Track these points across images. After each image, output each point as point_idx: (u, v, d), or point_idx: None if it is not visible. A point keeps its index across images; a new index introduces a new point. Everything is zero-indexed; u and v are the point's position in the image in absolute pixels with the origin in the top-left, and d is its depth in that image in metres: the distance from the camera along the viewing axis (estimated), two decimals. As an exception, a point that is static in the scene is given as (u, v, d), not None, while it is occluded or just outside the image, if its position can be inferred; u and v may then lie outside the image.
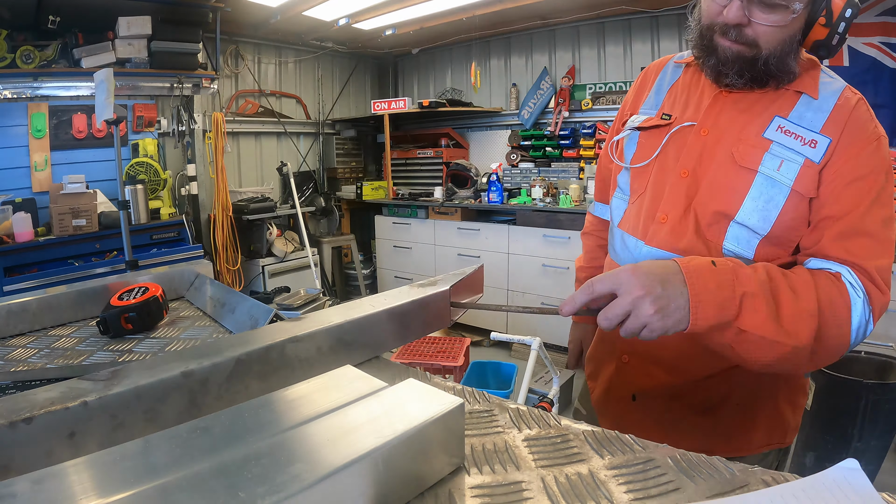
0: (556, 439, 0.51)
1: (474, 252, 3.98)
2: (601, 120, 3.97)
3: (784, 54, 0.77)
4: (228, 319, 0.85)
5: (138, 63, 3.40)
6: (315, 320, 0.63)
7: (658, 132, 0.89)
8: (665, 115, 0.90)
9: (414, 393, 0.45)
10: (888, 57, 3.00)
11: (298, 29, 4.15)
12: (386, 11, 3.72)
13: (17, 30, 3.04)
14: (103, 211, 3.21)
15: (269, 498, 0.31)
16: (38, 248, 2.97)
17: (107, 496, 0.31)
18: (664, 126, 0.88)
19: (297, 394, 0.46)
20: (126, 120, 2.75)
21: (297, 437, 0.38)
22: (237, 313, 0.84)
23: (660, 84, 0.96)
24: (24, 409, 0.42)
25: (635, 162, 0.92)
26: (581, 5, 3.73)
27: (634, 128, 0.93)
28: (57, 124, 3.28)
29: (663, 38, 3.76)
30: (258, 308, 0.82)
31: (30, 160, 3.19)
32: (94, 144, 3.43)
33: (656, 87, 0.96)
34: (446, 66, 4.95)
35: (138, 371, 0.50)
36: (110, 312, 0.79)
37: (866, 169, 0.75)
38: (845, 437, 2.03)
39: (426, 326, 0.74)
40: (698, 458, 0.47)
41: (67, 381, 0.47)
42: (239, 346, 0.56)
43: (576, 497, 0.42)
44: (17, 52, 3.00)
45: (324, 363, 0.60)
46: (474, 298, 0.84)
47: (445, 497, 0.42)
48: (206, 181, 3.88)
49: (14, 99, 3.10)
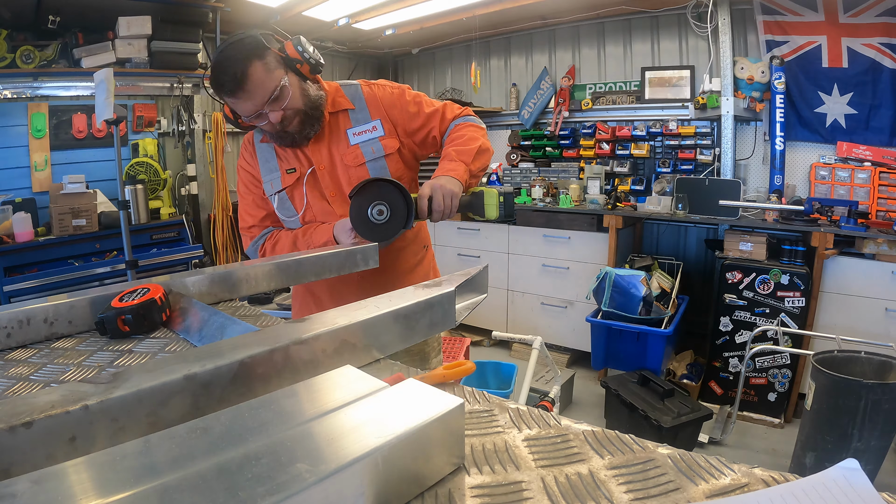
0: (556, 439, 0.51)
1: (474, 252, 3.98)
2: (601, 120, 3.97)
3: (311, 102, 1.22)
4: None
5: (138, 63, 3.40)
6: (319, 322, 0.63)
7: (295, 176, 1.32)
8: (289, 169, 1.30)
9: (414, 393, 0.45)
10: (887, 57, 3.00)
11: (298, 29, 4.15)
12: (386, 11, 3.72)
13: (17, 30, 3.04)
14: (103, 211, 3.21)
15: (269, 498, 0.31)
16: (38, 248, 2.97)
17: (107, 496, 0.31)
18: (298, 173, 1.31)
19: (298, 394, 0.46)
20: (126, 120, 2.75)
21: (297, 437, 0.38)
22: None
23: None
24: (24, 413, 0.41)
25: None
26: (581, 5, 3.73)
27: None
28: (57, 124, 3.28)
29: (663, 38, 3.77)
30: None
31: (30, 160, 3.19)
32: (94, 144, 3.43)
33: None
34: (446, 66, 4.95)
35: (140, 374, 0.49)
36: (107, 314, 0.79)
37: (401, 98, 1.33)
38: (845, 437, 2.03)
39: (432, 327, 0.74)
40: (699, 458, 0.47)
41: (68, 384, 0.47)
42: (242, 348, 0.56)
43: (576, 497, 0.42)
44: (17, 52, 3.00)
45: (328, 365, 0.60)
46: (478, 299, 0.84)
47: (445, 497, 0.42)
48: (206, 181, 3.88)
49: (14, 99, 3.10)
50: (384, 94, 1.33)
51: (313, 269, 1.04)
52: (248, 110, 1.14)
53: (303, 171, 1.28)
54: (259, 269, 1.00)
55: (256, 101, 1.12)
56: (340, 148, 1.28)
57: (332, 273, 1.06)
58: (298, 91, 1.18)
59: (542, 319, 3.70)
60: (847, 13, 3.03)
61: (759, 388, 2.90)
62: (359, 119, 1.30)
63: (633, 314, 2.86)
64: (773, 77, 3.20)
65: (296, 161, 1.29)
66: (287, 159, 1.30)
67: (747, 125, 3.49)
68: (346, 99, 1.31)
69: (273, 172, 1.30)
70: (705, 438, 2.64)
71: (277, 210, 1.32)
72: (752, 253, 2.92)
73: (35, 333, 0.79)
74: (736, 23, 3.37)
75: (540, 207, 3.64)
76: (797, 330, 2.75)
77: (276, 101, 1.14)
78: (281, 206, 1.31)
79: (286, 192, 1.30)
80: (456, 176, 1.19)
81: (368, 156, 1.28)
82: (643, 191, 3.74)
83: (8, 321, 0.76)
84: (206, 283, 0.95)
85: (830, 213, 2.83)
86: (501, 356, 3.72)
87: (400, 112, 1.32)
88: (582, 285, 3.42)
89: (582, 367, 3.49)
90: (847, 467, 0.40)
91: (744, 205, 3.14)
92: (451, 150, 1.26)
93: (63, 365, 0.70)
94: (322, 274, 1.05)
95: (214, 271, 0.98)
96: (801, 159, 3.34)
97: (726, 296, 2.94)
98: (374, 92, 1.33)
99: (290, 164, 1.29)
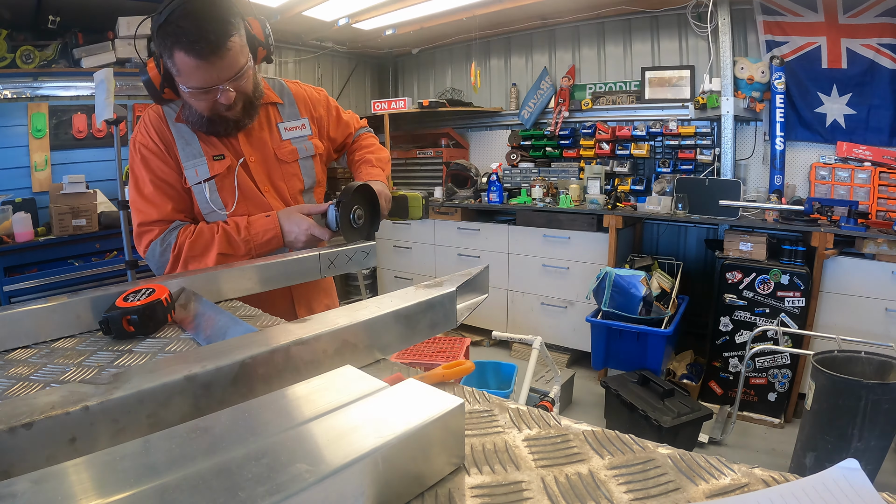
0: (556, 439, 0.51)
1: (474, 252, 3.98)
2: (601, 120, 3.97)
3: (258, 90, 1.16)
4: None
5: (138, 63, 3.40)
6: (321, 322, 0.63)
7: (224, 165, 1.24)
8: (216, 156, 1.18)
9: (414, 393, 0.45)
10: (886, 58, 3.00)
11: (298, 29, 4.15)
12: (386, 11, 3.72)
13: (17, 30, 3.04)
14: (103, 211, 3.21)
15: (269, 498, 0.31)
16: (38, 248, 2.97)
17: (107, 496, 0.31)
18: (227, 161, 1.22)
19: (297, 394, 0.46)
20: (126, 120, 2.75)
21: (297, 437, 0.38)
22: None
23: None
24: (23, 414, 0.41)
25: None
26: (581, 5, 3.73)
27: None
28: (57, 124, 3.28)
29: (663, 38, 3.77)
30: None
31: (30, 160, 3.19)
32: (94, 144, 3.43)
33: None
34: (446, 66, 4.95)
35: (140, 374, 0.49)
36: (113, 314, 0.79)
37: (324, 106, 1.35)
38: (845, 437, 2.03)
39: (433, 328, 0.74)
40: (699, 458, 0.47)
41: (69, 384, 0.47)
42: (244, 348, 0.55)
43: (576, 497, 0.42)
44: (17, 52, 3.00)
45: (329, 366, 0.60)
46: (479, 299, 0.84)
47: (445, 497, 0.42)
48: (206, 181, 3.87)
49: (14, 99, 3.10)
50: (309, 95, 1.32)
51: (316, 267, 1.03)
52: (206, 81, 0.99)
53: (233, 161, 1.15)
54: (247, 270, 0.96)
55: (223, 75, 0.99)
56: (273, 141, 1.22)
57: (337, 272, 1.06)
58: (251, 75, 1.09)
59: (542, 319, 3.70)
60: (847, 14, 3.03)
61: (759, 388, 2.90)
62: (288, 115, 1.26)
63: (633, 314, 2.86)
64: (773, 77, 3.20)
65: (224, 148, 1.15)
66: (213, 144, 1.14)
67: (747, 125, 3.49)
68: (273, 92, 1.26)
69: (196, 158, 1.12)
70: (705, 438, 2.64)
71: (201, 202, 1.14)
72: (752, 253, 2.92)
73: (38, 333, 0.79)
74: (736, 23, 3.37)
75: (540, 207, 3.64)
76: (797, 330, 2.75)
77: (238, 80, 1.03)
78: (210, 198, 1.13)
79: (215, 182, 1.13)
80: (383, 181, 1.25)
81: (301, 153, 1.25)
82: (643, 191, 3.74)
83: (10, 321, 0.76)
84: (203, 280, 0.94)
85: (830, 213, 2.83)
86: (501, 356, 3.72)
87: (325, 115, 1.33)
88: (582, 285, 3.42)
89: (582, 367, 3.49)
90: (847, 467, 0.40)
91: (744, 205, 3.14)
92: (370, 157, 1.31)
93: (63, 365, 0.70)
94: (325, 272, 1.04)
95: (210, 271, 0.97)
96: (801, 159, 3.34)
97: (726, 296, 2.94)
98: (301, 91, 1.31)
99: (218, 151, 1.14)
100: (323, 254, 1.04)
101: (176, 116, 1.12)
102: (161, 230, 1.10)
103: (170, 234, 1.10)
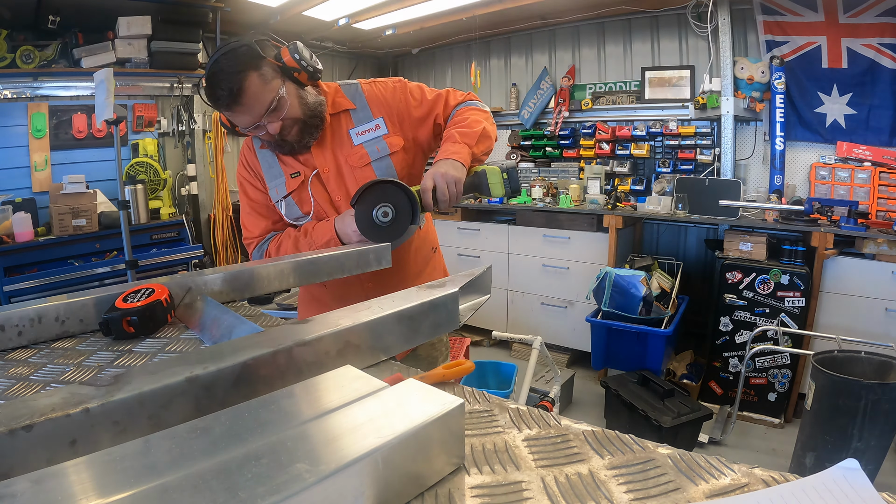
0: (556, 439, 0.51)
1: (474, 252, 3.98)
2: (601, 120, 3.97)
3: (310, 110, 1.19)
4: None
5: (138, 63, 3.40)
6: (323, 323, 0.63)
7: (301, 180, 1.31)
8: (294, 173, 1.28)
9: (414, 393, 0.45)
10: (886, 58, 3.00)
11: (298, 29, 4.15)
12: (386, 11, 3.72)
13: (17, 30, 3.04)
14: (103, 211, 3.21)
15: (269, 498, 0.31)
16: (38, 248, 2.97)
17: (107, 496, 0.31)
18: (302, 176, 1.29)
19: (297, 394, 0.46)
20: (126, 120, 2.75)
21: (297, 437, 0.38)
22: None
23: None
24: (24, 416, 0.41)
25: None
26: (581, 5, 3.73)
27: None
28: (57, 124, 3.28)
29: (663, 38, 3.77)
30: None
31: (30, 160, 3.19)
32: (94, 144, 3.43)
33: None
34: (446, 66, 4.95)
35: (141, 376, 0.49)
36: (113, 315, 0.79)
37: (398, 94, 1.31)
38: (845, 437, 2.03)
39: (436, 329, 0.73)
40: (699, 458, 0.47)
41: (69, 386, 0.47)
42: (245, 350, 0.55)
43: (576, 497, 0.42)
44: (17, 52, 3.00)
45: (332, 367, 0.59)
46: (482, 300, 0.84)
47: (445, 497, 0.42)
48: (206, 181, 3.88)
49: (14, 99, 3.10)
50: (385, 90, 1.29)
51: (326, 268, 1.02)
52: (245, 123, 1.12)
53: (307, 174, 1.25)
54: (272, 268, 0.98)
55: (254, 115, 1.09)
56: (344, 150, 1.25)
57: (345, 273, 1.04)
58: (296, 99, 1.15)
59: (542, 319, 3.70)
60: (847, 13, 3.03)
61: (759, 388, 2.90)
62: (361, 118, 1.27)
63: (633, 314, 2.86)
64: (773, 77, 3.20)
65: (299, 165, 1.26)
66: (290, 164, 1.27)
67: (747, 125, 3.49)
68: (347, 99, 1.27)
69: (277, 178, 1.27)
70: (705, 438, 2.64)
71: (285, 214, 1.29)
72: (752, 253, 2.92)
73: (46, 332, 0.79)
74: (736, 23, 3.37)
75: (540, 207, 3.64)
76: (797, 330, 2.75)
77: (274, 112, 1.11)
78: (289, 212, 1.28)
79: (292, 197, 1.27)
80: (458, 158, 1.13)
81: (374, 155, 1.25)
82: (643, 191, 3.74)
83: (19, 319, 0.76)
84: (219, 282, 0.94)
85: (830, 213, 2.83)
86: (501, 356, 3.72)
87: (403, 104, 1.29)
88: (582, 285, 3.42)
89: (582, 367, 3.49)
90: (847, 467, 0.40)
91: (744, 205, 3.14)
92: (453, 132, 1.20)
93: (63, 365, 0.70)
94: (334, 273, 1.03)
95: (228, 270, 0.97)
96: (801, 159, 3.34)
97: (726, 296, 2.94)
98: (375, 89, 1.29)
99: (294, 168, 1.26)
100: (333, 255, 1.03)
101: (261, 144, 1.28)
102: (258, 242, 1.34)
103: (263, 244, 1.34)
